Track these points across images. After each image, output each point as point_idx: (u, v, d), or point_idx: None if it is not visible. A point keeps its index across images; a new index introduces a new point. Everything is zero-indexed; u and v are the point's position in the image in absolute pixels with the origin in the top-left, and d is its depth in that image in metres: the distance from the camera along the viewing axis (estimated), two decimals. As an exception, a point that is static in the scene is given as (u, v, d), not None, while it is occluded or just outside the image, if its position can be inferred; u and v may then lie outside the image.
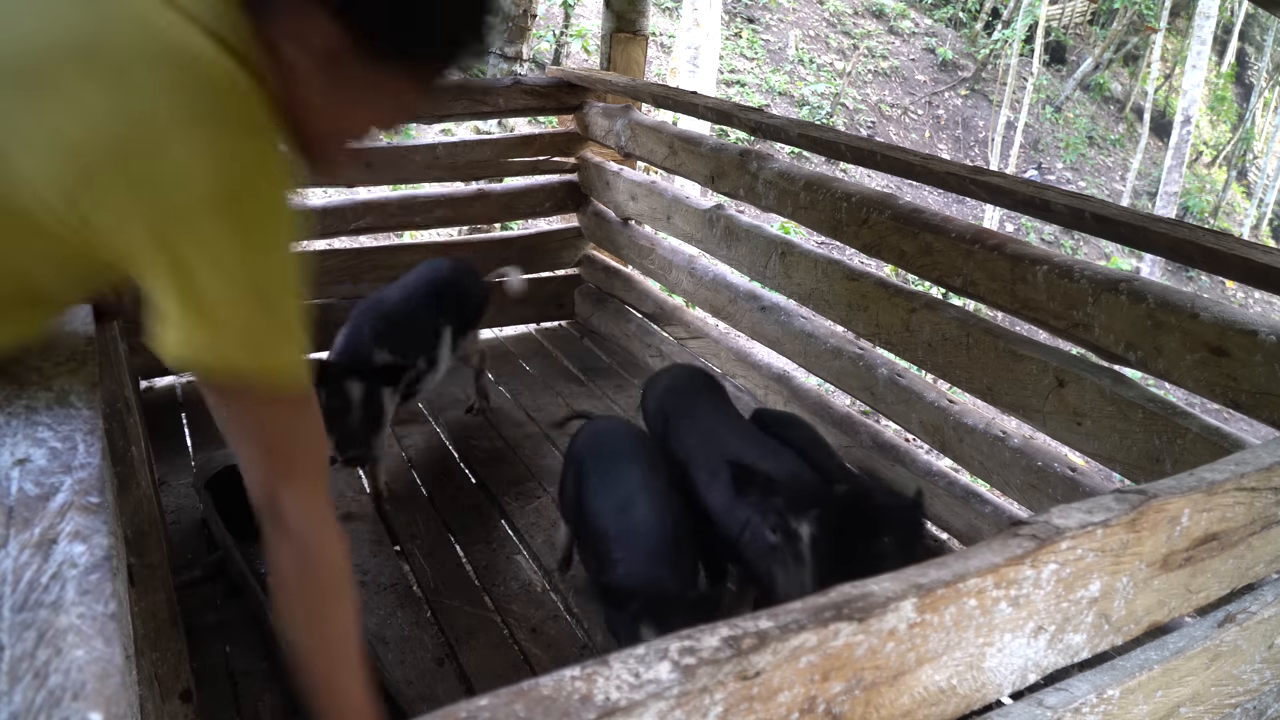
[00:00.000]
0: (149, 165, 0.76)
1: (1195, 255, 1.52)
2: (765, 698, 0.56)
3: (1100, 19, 21.35)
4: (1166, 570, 0.83)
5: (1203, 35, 11.62)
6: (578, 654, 1.96)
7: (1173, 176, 11.74)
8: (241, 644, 1.89)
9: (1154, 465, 1.57)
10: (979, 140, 16.27)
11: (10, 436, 0.85)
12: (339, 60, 0.87)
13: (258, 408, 0.84)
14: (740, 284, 2.76)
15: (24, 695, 0.56)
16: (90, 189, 0.76)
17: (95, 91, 0.76)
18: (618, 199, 3.20)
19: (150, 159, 0.76)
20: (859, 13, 17.63)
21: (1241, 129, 21.09)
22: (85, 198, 0.76)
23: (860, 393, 2.30)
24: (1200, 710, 0.99)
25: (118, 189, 0.76)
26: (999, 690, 0.74)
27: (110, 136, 0.75)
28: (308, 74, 0.88)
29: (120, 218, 0.77)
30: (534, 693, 0.49)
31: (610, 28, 3.32)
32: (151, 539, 1.29)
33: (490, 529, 2.37)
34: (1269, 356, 1.38)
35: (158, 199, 0.76)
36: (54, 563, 0.68)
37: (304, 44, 0.86)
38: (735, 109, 2.65)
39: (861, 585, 0.63)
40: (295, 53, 0.86)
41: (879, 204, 2.12)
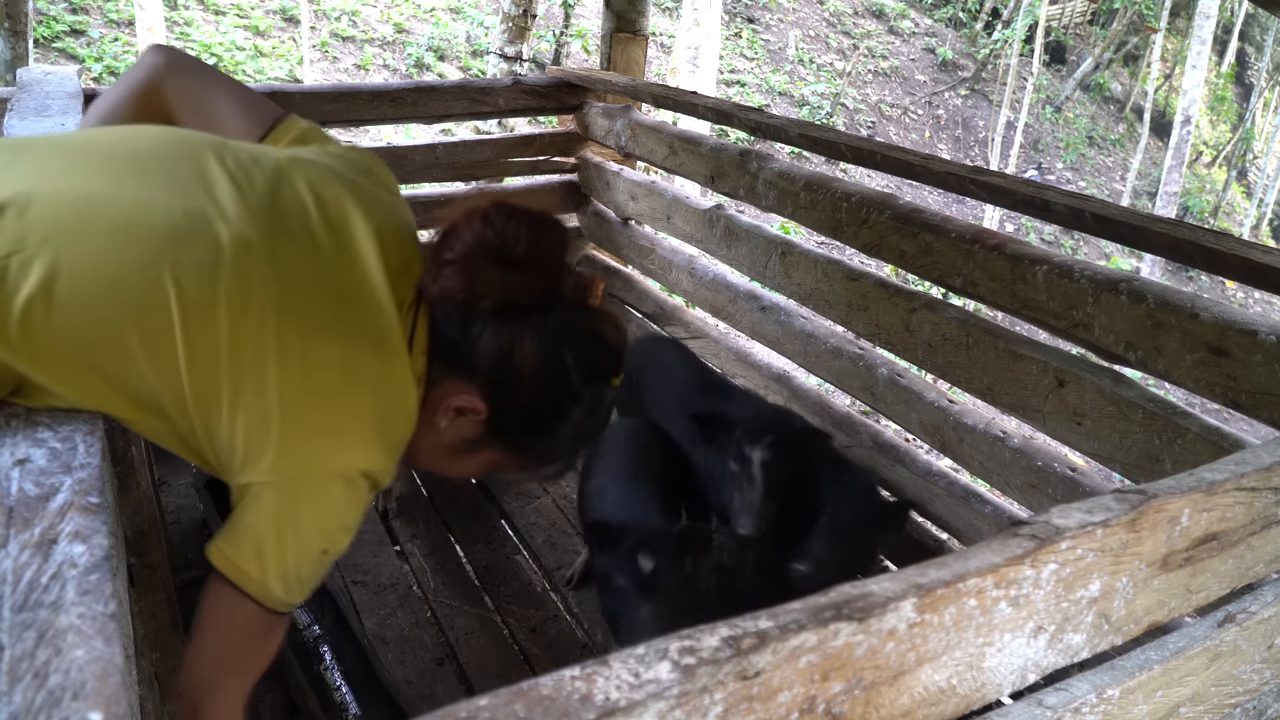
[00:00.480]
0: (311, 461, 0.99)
1: (1195, 255, 1.52)
2: (765, 698, 0.56)
3: (1100, 19, 21.35)
4: (1166, 570, 0.83)
5: (1203, 35, 11.62)
6: (578, 654, 1.96)
7: (1173, 176, 11.74)
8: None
9: (1154, 465, 1.57)
10: (979, 140, 16.26)
11: (10, 436, 0.85)
12: (468, 439, 1.12)
13: (248, 610, 0.99)
14: (740, 284, 2.76)
15: (24, 695, 0.56)
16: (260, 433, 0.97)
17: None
18: (618, 199, 3.20)
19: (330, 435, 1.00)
20: (859, 13, 17.63)
21: (1241, 129, 21.09)
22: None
23: (860, 393, 2.30)
24: (1200, 710, 0.99)
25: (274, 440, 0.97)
26: (999, 690, 0.74)
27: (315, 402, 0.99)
28: (440, 436, 1.11)
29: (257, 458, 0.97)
30: (534, 693, 0.49)
31: (610, 28, 3.32)
32: (151, 539, 1.29)
33: (490, 529, 2.37)
34: (1269, 356, 1.38)
35: (298, 475, 0.99)
36: (54, 563, 0.68)
37: (455, 421, 1.10)
38: (735, 109, 2.64)
39: (861, 585, 0.63)
40: (447, 420, 1.10)
41: (879, 204, 2.12)
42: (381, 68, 11.39)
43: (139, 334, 0.93)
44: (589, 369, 1.12)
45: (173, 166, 1.02)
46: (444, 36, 12.13)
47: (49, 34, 9.22)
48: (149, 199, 0.97)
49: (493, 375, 1.07)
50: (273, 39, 10.96)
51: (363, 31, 11.78)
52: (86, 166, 1.00)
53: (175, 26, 10.18)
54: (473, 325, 1.07)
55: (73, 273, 0.91)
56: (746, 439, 1.85)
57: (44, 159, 1.01)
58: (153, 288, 0.93)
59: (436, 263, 1.08)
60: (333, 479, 0.99)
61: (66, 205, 0.95)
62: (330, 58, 11.13)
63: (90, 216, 0.94)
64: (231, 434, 0.97)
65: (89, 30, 9.63)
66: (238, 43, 10.48)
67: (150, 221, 0.95)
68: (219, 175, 1.02)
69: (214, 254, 0.96)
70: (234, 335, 0.95)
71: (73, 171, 0.99)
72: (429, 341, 1.08)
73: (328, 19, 11.70)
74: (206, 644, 1.02)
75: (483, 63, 11.64)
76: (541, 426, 1.12)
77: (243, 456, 0.97)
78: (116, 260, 0.93)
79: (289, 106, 2.97)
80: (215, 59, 9.95)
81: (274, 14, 11.38)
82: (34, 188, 0.95)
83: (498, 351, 1.06)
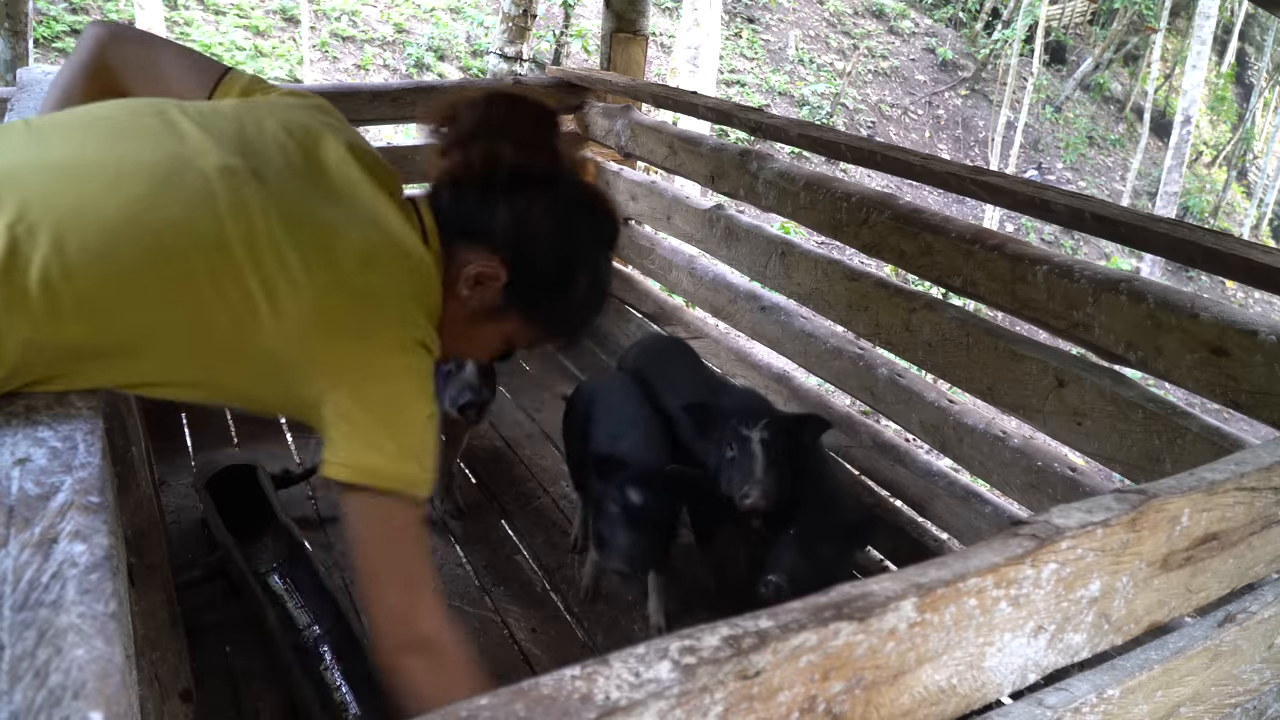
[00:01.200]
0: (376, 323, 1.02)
1: (1195, 255, 1.52)
2: (765, 697, 0.56)
3: (1100, 19, 21.35)
4: (1166, 570, 0.83)
5: (1203, 35, 11.62)
6: (578, 654, 1.96)
7: (1173, 176, 11.74)
8: (241, 644, 1.89)
9: (1154, 465, 1.57)
10: (979, 140, 16.26)
11: (11, 436, 0.85)
12: (489, 306, 1.17)
13: (393, 509, 0.99)
14: (740, 284, 2.76)
15: (24, 694, 0.56)
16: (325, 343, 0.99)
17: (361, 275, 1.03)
18: (618, 199, 3.19)
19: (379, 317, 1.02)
20: (859, 13, 17.63)
21: (1241, 129, 21.09)
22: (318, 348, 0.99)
23: (860, 393, 2.30)
24: (1200, 710, 0.99)
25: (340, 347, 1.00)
26: (999, 690, 0.74)
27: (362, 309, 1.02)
28: (463, 307, 1.16)
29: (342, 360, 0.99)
30: (534, 693, 0.49)
31: (610, 28, 3.32)
32: (151, 539, 1.29)
33: (490, 529, 2.37)
34: (1269, 356, 1.38)
35: (368, 352, 1.00)
36: (54, 562, 0.68)
37: (476, 289, 1.15)
38: (735, 109, 2.64)
39: (861, 585, 0.63)
40: (468, 288, 1.15)
41: (879, 204, 2.12)
42: (381, 68, 11.39)
43: (157, 277, 0.95)
44: (593, 234, 1.23)
45: (139, 124, 1.05)
46: (444, 36, 12.13)
47: (49, 34, 9.23)
48: (129, 153, 1.00)
49: (511, 240, 1.14)
50: (273, 39, 10.96)
51: (363, 31, 11.79)
52: (62, 139, 1.02)
53: (175, 26, 10.18)
54: (487, 196, 1.14)
55: (80, 230, 0.93)
56: (742, 424, 1.88)
57: (14, 140, 1.03)
58: (158, 229, 0.95)
59: (439, 149, 1.16)
60: (395, 351, 1.02)
61: (55, 172, 0.97)
62: (330, 58, 11.13)
63: (81, 177, 0.97)
64: (278, 345, 0.98)
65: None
66: (238, 43, 10.49)
67: (135, 171, 0.98)
68: (186, 124, 1.05)
69: (204, 184, 0.99)
70: (250, 251, 0.97)
71: (48, 145, 1.01)
72: (437, 224, 1.14)
73: (328, 19, 11.70)
74: (381, 573, 0.99)
75: (483, 63, 11.65)
76: (556, 288, 1.20)
77: (301, 365, 0.98)
78: (117, 211, 0.95)
79: (289, 106, 2.95)
80: (215, 59, 9.95)
81: (274, 14, 11.38)
82: (16, 162, 0.97)
83: (514, 218, 1.14)
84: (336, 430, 0.98)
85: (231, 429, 2.74)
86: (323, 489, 2.42)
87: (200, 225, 0.97)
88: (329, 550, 2.21)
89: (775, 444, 1.86)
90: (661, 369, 2.35)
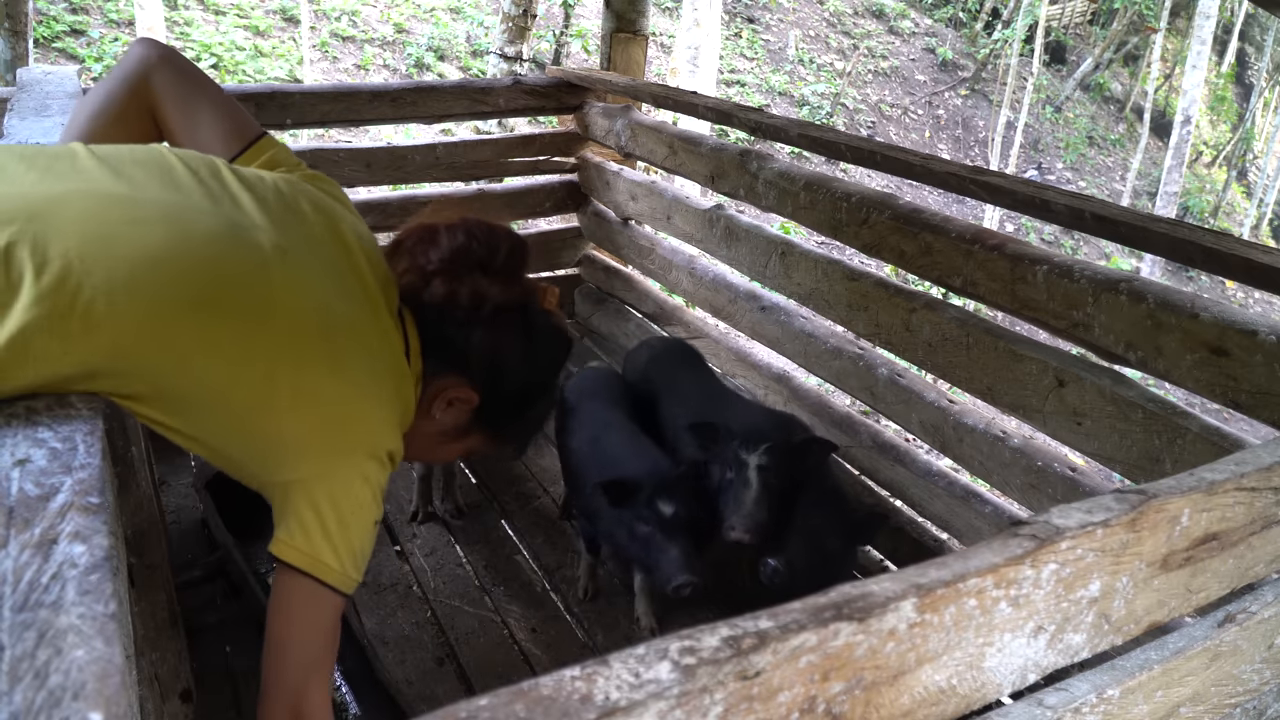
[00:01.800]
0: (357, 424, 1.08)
1: (1195, 255, 1.52)
2: (765, 697, 0.56)
3: (1100, 19, 21.35)
4: (1166, 570, 0.83)
5: (1203, 35, 11.62)
6: (578, 654, 1.96)
7: (1173, 176, 11.74)
8: (241, 644, 1.89)
9: (1154, 465, 1.57)
10: (979, 140, 16.27)
11: (10, 437, 0.85)
12: (457, 426, 1.27)
13: (320, 598, 1.06)
14: (740, 284, 2.76)
15: (24, 695, 0.56)
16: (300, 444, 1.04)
17: None
18: (618, 199, 3.20)
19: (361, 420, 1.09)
20: (859, 13, 17.63)
21: (1241, 129, 21.09)
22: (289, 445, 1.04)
23: (860, 393, 2.30)
24: (1200, 710, 0.99)
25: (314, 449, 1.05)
26: (999, 690, 0.74)
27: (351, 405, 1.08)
28: (434, 425, 1.24)
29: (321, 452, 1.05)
30: (534, 693, 0.49)
31: (610, 28, 3.32)
32: (151, 539, 1.29)
33: (490, 529, 2.37)
34: (1269, 356, 1.38)
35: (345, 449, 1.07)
36: (54, 563, 0.68)
37: (448, 410, 1.24)
38: (735, 109, 2.64)
39: (861, 585, 0.63)
40: (441, 410, 1.23)
41: (879, 204, 2.12)
42: (381, 68, 11.39)
43: (194, 328, 0.97)
44: (554, 361, 1.35)
45: (197, 178, 1.07)
46: (444, 36, 12.13)
47: (49, 34, 9.22)
48: (188, 204, 1.03)
49: (485, 369, 1.23)
50: (273, 39, 10.96)
51: (363, 31, 11.78)
52: (115, 172, 1.03)
53: (175, 26, 10.18)
54: (466, 327, 1.22)
55: (131, 265, 0.94)
56: (744, 447, 1.87)
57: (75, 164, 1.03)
58: (206, 284, 0.98)
59: (422, 269, 1.21)
60: (369, 460, 1.08)
61: (112, 204, 0.98)
62: (330, 58, 11.13)
63: (137, 217, 0.98)
64: (279, 426, 1.02)
65: (89, 30, 9.63)
66: (238, 43, 10.48)
67: (194, 221, 1.01)
68: (240, 192, 1.08)
69: (259, 256, 1.02)
70: (292, 337, 1.02)
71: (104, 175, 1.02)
72: (420, 344, 1.21)
73: (328, 19, 11.70)
74: (293, 645, 1.06)
75: (483, 63, 11.64)
76: (520, 412, 1.31)
77: (293, 450, 1.03)
78: (171, 255, 0.97)
79: (289, 106, 2.95)
80: (215, 59, 9.96)
81: (274, 14, 11.38)
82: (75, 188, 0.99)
83: (491, 349, 1.23)
84: (300, 519, 1.04)
85: (231, 429, 2.74)
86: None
87: (252, 292, 1.01)
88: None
89: (772, 471, 1.86)
90: (671, 378, 2.33)
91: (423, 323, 1.22)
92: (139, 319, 0.94)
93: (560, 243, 3.56)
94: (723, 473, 1.90)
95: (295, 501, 1.04)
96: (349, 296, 1.11)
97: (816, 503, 1.88)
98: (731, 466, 1.88)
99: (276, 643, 1.06)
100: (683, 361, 2.42)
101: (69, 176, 1.00)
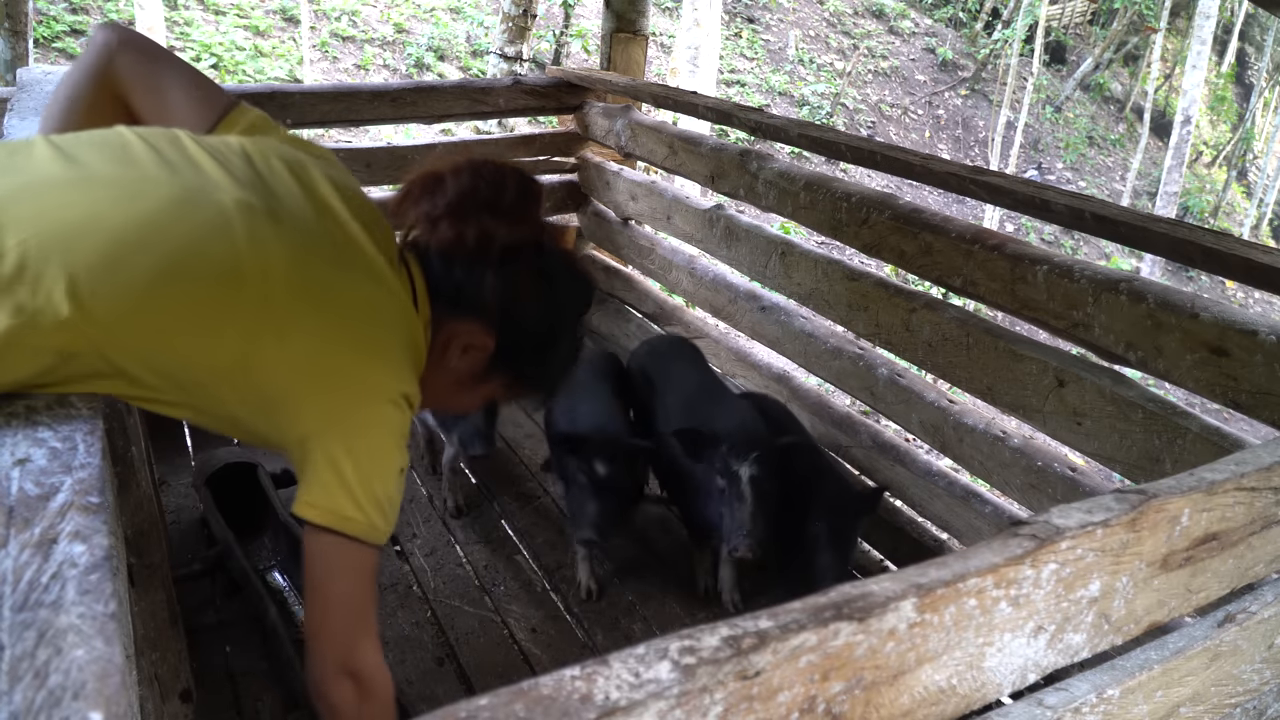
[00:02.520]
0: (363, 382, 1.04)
1: (1195, 255, 1.52)
2: (765, 697, 0.56)
3: (1100, 19, 21.34)
4: (1166, 570, 0.83)
5: (1203, 35, 11.62)
6: (578, 654, 1.96)
7: (1173, 176, 11.74)
8: (241, 644, 1.89)
9: (1154, 465, 1.57)
10: (979, 140, 16.26)
11: (10, 436, 0.85)
12: (475, 371, 1.23)
13: (352, 553, 1.03)
14: (740, 284, 2.76)
15: (24, 695, 0.56)
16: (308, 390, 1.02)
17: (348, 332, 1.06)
18: (618, 199, 3.20)
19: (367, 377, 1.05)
20: (859, 13, 17.63)
21: (1241, 129, 21.09)
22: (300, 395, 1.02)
23: (860, 393, 2.30)
24: (1200, 710, 0.99)
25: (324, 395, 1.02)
26: (999, 690, 0.74)
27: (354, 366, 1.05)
28: (451, 372, 1.21)
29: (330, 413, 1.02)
30: (534, 693, 0.49)
31: (610, 28, 3.32)
32: (151, 539, 1.29)
33: (490, 529, 2.37)
34: (1269, 356, 1.38)
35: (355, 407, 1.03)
36: (54, 562, 0.68)
37: (464, 356, 1.21)
38: (735, 109, 2.64)
39: (861, 585, 0.63)
40: (457, 356, 1.20)
41: (879, 204, 2.12)
42: (381, 68, 11.39)
43: (166, 296, 0.96)
44: (574, 301, 1.30)
45: (155, 149, 1.06)
46: (444, 36, 12.13)
47: (49, 34, 9.22)
48: (145, 175, 1.02)
49: (500, 312, 1.19)
50: (273, 39, 10.96)
51: (363, 31, 11.78)
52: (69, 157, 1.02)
53: (175, 26, 10.18)
54: (477, 269, 1.18)
55: (91, 243, 0.94)
56: (733, 456, 1.88)
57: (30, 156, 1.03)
58: (172, 250, 0.97)
59: (429, 215, 1.18)
60: (383, 404, 1.05)
61: (65, 187, 0.98)
62: (330, 58, 11.13)
63: (94, 195, 0.98)
64: (273, 384, 1.00)
65: (89, 30, 9.63)
66: (238, 43, 10.48)
67: (152, 193, 1.00)
68: (201, 156, 1.07)
69: (221, 215, 1.01)
70: (263, 287, 0.99)
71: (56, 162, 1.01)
72: (428, 289, 1.18)
73: (328, 19, 11.70)
74: (332, 605, 1.03)
75: (483, 63, 11.64)
76: (540, 354, 1.26)
77: (294, 406, 1.01)
78: (130, 227, 0.96)
79: (289, 106, 2.95)
80: (215, 59, 9.96)
81: (274, 14, 11.37)
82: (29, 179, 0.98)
83: (504, 291, 1.18)
84: (318, 475, 1.01)
85: (231, 429, 2.75)
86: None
87: (215, 253, 0.99)
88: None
89: (765, 477, 1.88)
90: (666, 368, 2.36)
91: (430, 268, 1.19)
92: (108, 299, 0.93)
93: (560, 243, 3.55)
94: (714, 481, 1.91)
95: (312, 457, 1.01)
96: (332, 241, 1.08)
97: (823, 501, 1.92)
98: (724, 476, 1.89)
99: (314, 605, 1.04)
100: (677, 355, 2.45)
101: (25, 170, 0.99)
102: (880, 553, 2.34)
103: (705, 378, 2.33)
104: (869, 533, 2.37)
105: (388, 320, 1.10)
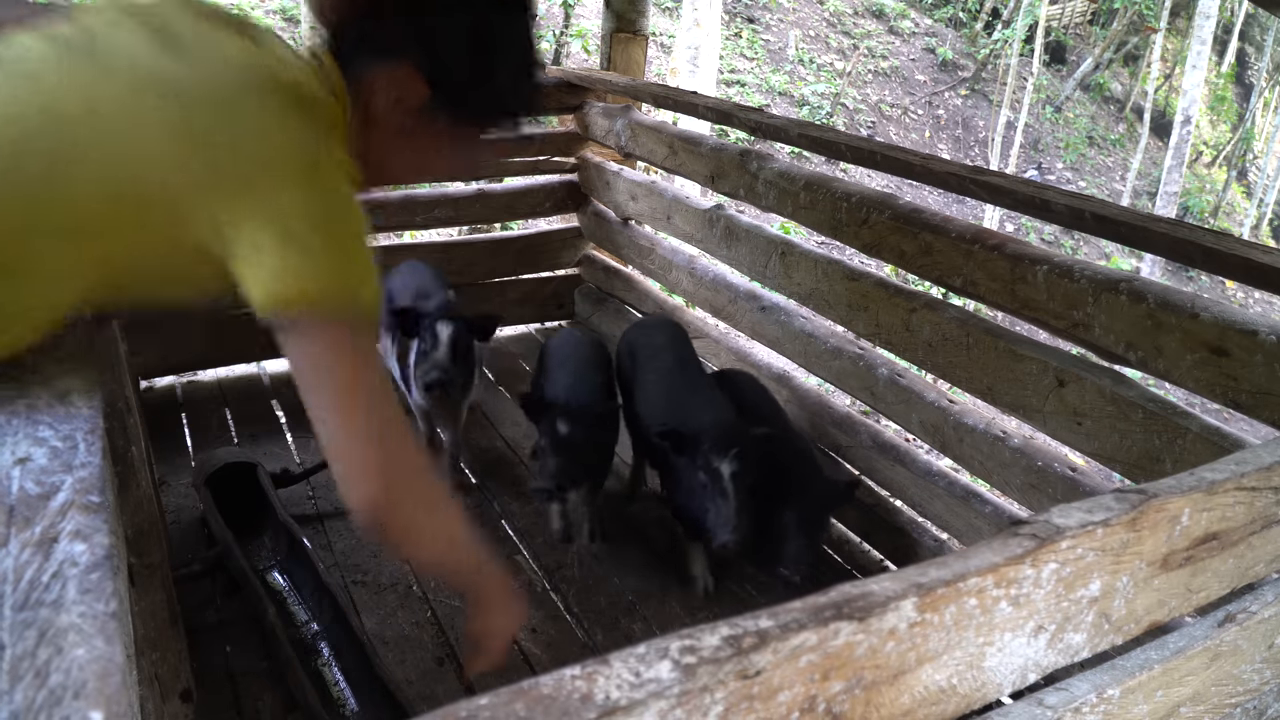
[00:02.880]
0: (258, 145, 0.90)
1: (1195, 255, 1.52)
2: (765, 697, 0.56)
3: (1100, 19, 21.34)
4: (1166, 570, 0.83)
5: (1203, 35, 11.62)
6: (578, 654, 1.96)
7: (1173, 176, 11.74)
8: (241, 644, 1.89)
9: (1154, 465, 1.57)
10: (979, 140, 16.26)
11: (11, 435, 0.85)
12: (415, 112, 1.08)
13: (342, 334, 0.89)
14: (740, 284, 2.76)
15: (25, 694, 0.56)
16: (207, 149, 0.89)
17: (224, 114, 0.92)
18: (618, 199, 3.20)
19: (260, 140, 0.91)
20: (859, 13, 17.63)
21: (1241, 129, 21.09)
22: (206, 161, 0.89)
23: (860, 393, 2.30)
24: (1200, 710, 0.99)
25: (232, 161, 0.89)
26: (999, 690, 0.74)
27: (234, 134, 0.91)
28: (388, 123, 1.08)
29: (233, 186, 0.89)
30: (534, 692, 0.49)
31: (610, 28, 3.32)
32: (151, 539, 1.29)
33: (490, 529, 2.37)
34: (1269, 356, 1.38)
35: (261, 170, 0.89)
36: (55, 561, 0.68)
37: (399, 105, 1.07)
38: (735, 109, 2.64)
39: (862, 585, 0.63)
40: (382, 102, 1.07)
41: (879, 204, 2.12)
42: (381, 67, 11.38)
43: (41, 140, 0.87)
44: (501, 10, 1.11)
45: None
46: (444, 36, 12.11)
47: (49, 34, 9.21)
48: None
49: (414, 38, 1.06)
50: (273, 39, 10.95)
51: (363, 31, 11.78)
52: None
53: (175, 26, 10.17)
54: (384, 14, 1.06)
55: None
56: (714, 451, 1.91)
57: None
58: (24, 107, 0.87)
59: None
60: (308, 169, 0.92)
61: None
62: (330, 57, 11.12)
63: None
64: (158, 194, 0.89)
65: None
66: (238, 42, 10.47)
67: None
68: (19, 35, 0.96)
69: (55, 46, 0.91)
70: (126, 102, 0.89)
71: None
72: (338, 62, 1.06)
73: (328, 19, 11.69)
74: (342, 400, 0.90)
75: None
76: (478, 69, 1.10)
77: (223, 196, 0.89)
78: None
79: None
80: None
81: (274, 14, 11.38)
82: None
83: (409, 18, 1.06)
84: (270, 258, 0.86)
85: (231, 428, 2.75)
86: (323, 488, 2.42)
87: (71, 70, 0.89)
88: (329, 549, 2.21)
89: (746, 471, 1.91)
90: (647, 347, 2.41)
91: (341, 44, 1.07)
92: None
93: (560, 243, 3.56)
94: (696, 476, 1.94)
95: (252, 248, 0.87)
96: (178, 46, 0.95)
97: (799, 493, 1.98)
98: (704, 472, 1.92)
99: (319, 411, 0.90)
100: (658, 334, 2.49)
101: None
102: (880, 553, 2.34)
103: (682, 357, 2.36)
104: (869, 533, 2.37)
105: (274, 88, 0.95)
